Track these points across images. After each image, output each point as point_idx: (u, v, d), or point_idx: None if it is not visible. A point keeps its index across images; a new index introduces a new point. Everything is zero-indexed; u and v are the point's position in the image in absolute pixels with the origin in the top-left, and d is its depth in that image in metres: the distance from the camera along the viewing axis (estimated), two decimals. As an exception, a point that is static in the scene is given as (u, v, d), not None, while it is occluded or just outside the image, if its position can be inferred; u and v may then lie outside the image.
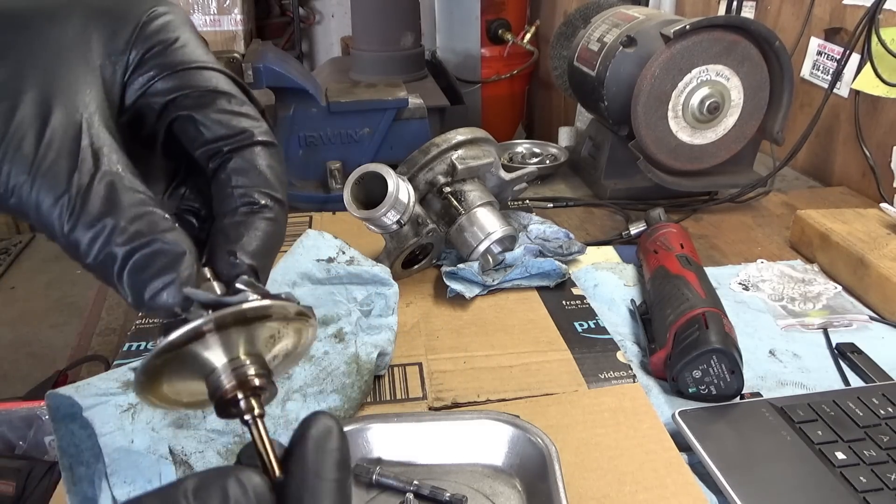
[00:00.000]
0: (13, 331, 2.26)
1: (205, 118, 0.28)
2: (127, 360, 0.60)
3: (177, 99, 0.28)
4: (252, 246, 0.28)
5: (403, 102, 1.00)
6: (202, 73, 0.29)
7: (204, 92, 0.28)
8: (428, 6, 2.30)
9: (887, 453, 0.50)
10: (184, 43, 0.29)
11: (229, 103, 0.29)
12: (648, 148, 0.93)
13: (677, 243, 0.73)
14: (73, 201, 0.23)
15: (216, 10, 2.60)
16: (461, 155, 0.75)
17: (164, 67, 0.28)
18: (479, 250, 0.74)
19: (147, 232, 0.24)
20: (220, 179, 0.29)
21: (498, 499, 0.47)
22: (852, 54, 1.01)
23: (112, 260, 0.24)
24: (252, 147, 0.29)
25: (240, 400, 0.26)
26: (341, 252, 0.68)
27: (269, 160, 0.29)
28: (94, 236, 0.24)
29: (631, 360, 0.63)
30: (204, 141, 0.29)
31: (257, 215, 0.29)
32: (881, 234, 0.79)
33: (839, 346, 0.66)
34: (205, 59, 0.29)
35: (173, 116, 0.29)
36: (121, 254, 0.24)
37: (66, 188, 0.23)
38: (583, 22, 1.21)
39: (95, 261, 0.24)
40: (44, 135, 0.24)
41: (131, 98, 0.28)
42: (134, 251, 0.24)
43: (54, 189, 0.23)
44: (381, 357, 0.59)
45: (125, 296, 0.25)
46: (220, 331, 0.25)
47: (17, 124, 0.24)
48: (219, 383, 0.26)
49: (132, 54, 0.28)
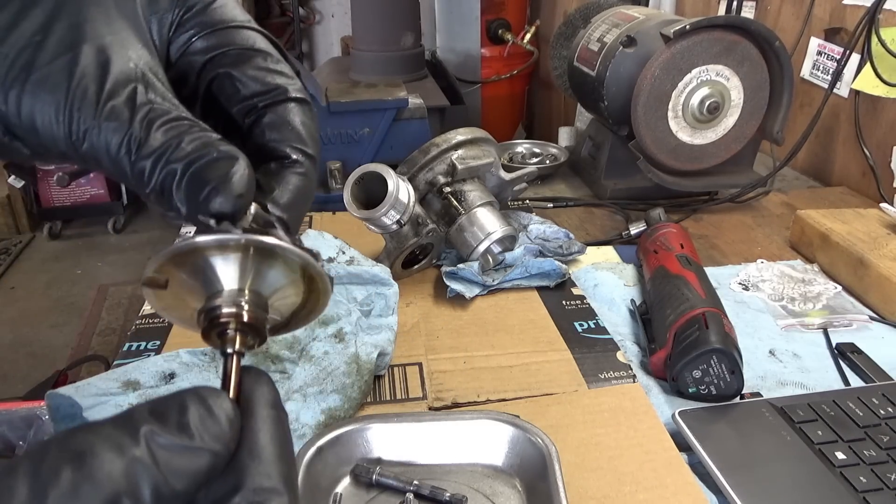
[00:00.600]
0: (13, 331, 2.26)
1: (242, 75, 0.29)
2: (127, 360, 0.60)
3: (216, 57, 0.30)
4: (284, 199, 0.29)
5: (403, 102, 1.00)
6: (240, 31, 0.30)
7: (242, 50, 0.30)
8: (428, 6, 2.31)
9: (887, 453, 0.50)
10: (222, 3, 0.30)
11: (265, 61, 0.30)
12: (648, 148, 0.93)
13: (677, 243, 0.73)
14: (138, 136, 0.25)
15: (216, 10, 2.60)
16: (461, 155, 0.75)
17: (203, 26, 0.30)
18: (479, 250, 0.74)
19: (202, 146, 0.26)
20: (253, 134, 0.30)
21: (498, 499, 0.47)
22: (852, 54, 1.01)
23: (172, 176, 0.25)
24: (286, 103, 0.30)
25: (228, 329, 0.26)
26: (341, 252, 0.69)
27: (302, 116, 0.30)
28: (157, 159, 0.25)
29: (631, 360, 0.63)
30: (241, 97, 0.30)
31: (288, 169, 0.30)
32: (881, 234, 0.79)
33: (839, 346, 0.66)
34: (242, 18, 0.30)
35: (213, 74, 0.30)
36: (180, 167, 0.25)
37: (129, 127, 0.25)
38: (583, 22, 1.21)
39: (157, 182, 0.25)
40: (105, 83, 0.25)
41: (174, 56, 0.29)
42: (192, 162, 0.25)
43: (119, 130, 0.25)
44: (381, 357, 0.59)
45: (180, 206, 0.26)
46: (243, 255, 0.26)
47: (80, 75, 0.25)
48: (217, 304, 0.26)
49: (175, 13, 0.29)
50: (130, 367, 0.56)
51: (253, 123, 0.30)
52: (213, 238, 0.25)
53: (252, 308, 0.27)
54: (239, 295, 0.27)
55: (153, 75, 0.27)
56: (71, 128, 0.25)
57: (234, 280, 0.26)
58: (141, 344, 0.64)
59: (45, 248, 2.83)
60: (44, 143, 0.26)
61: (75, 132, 0.25)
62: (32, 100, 0.25)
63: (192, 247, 0.25)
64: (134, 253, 2.77)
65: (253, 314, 0.27)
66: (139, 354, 0.62)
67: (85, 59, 0.26)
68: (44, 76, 0.25)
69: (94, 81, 0.25)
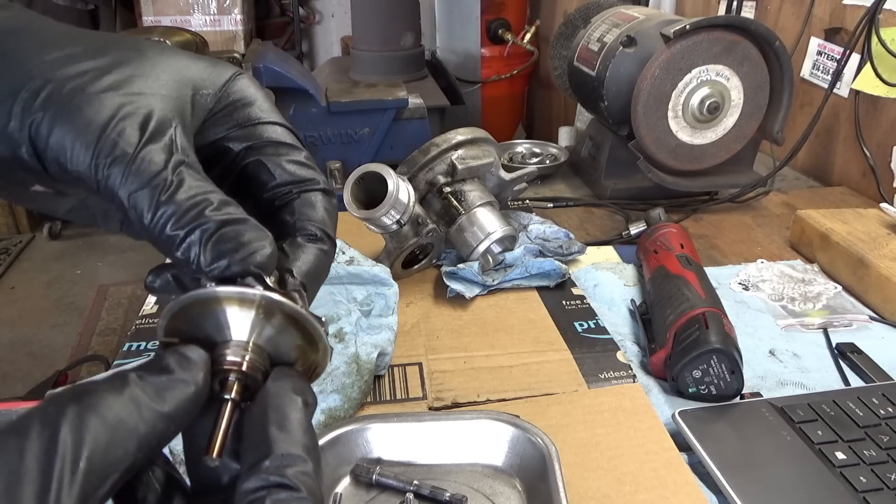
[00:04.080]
0: (13, 331, 2.26)
1: (276, 166, 0.34)
2: (127, 360, 0.60)
3: (252, 146, 0.34)
4: (305, 267, 0.32)
5: (403, 102, 1.00)
6: (273, 127, 0.34)
7: (278, 143, 0.34)
8: (428, 6, 2.31)
9: (887, 453, 0.50)
10: (257, 99, 0.34)
11: (297, 155, 0.34)
12: (648, 148, 0.93)
13: (677, 243, 0.73)
14: (169, 182, 0.27)
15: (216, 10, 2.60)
16: (461, 155, 0.75)
17: (243, 120, 0.34)
18: (479, 250, 0.74)
19: (237, 212, 0.28)
20: (282, 214, 0.34)
21: (498, 499, 0.47)
22: (852, 54, 1.01)
23: (203, 230, 0.27)
24: (316, 192, 0.34)
25: (228, 378, 0.27)
26: (341, 252, 0.69)
27: (327, 205, 0.34)
28: (187, 210, 0.27)
29: (631, 360, 0.63)
30: (276, 184, 0.33)
31: (312, 244, 0.33)
32: (881, 234, 0.79)
33: (839, 346, 0.66)
34: (276, 116, 0.35)
35: (249, 160, 0.34)
36: (213, 224, 0.27)
37: (162, 170, 0.27)
38: (583, 22, 1.21)
39: (184, 232, 0.27)
40: (146, 128, 0.28)
41: (208, 139, 0.33)
42: (227, 223, 0.28)
43: (149, 172, 0.27)
44: (381, 357, 0.59)
45: (203, 258, 0.28)
46: (258, 311, 0.28)
47: (123, 114, 0.28)
48: (223, 352, 0.27)
49: (216, 104, 0.33)
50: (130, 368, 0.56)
51: (283, 205, 0.34)
52: (235, 290, 0.27)
53: (257, 362, 0.28)
54: (245, 346, 0.28)
55: (185, 139, 0.30)
56: (99, 159, 0.27)
57: (244, 332, 0.28)
58: (141, 344, 0.64)
59: (45, 248, 2.82)
60: (65, 168, 0.27)
61: (103, 164, 0.27)
62: (67, 125, 0.27)
63: (213, 295, 0.27)
64: (134, 253, 2.76)
65: (255, 368, 0.28)
66: (139, 354, 0.62)
67: (129, 102, 0.28)
68: (85, 106, 0.27)
69: (135, 123, 0.28)
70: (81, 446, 0.21)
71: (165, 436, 0.24)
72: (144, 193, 0.27)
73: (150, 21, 2.52)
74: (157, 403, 0.23)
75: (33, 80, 0.28)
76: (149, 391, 0.23)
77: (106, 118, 0.27)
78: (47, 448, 0.20)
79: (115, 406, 0.22)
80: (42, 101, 0.27)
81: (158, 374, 0.24)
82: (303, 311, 0.28)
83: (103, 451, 0.21)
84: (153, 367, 0.25)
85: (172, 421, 0.24)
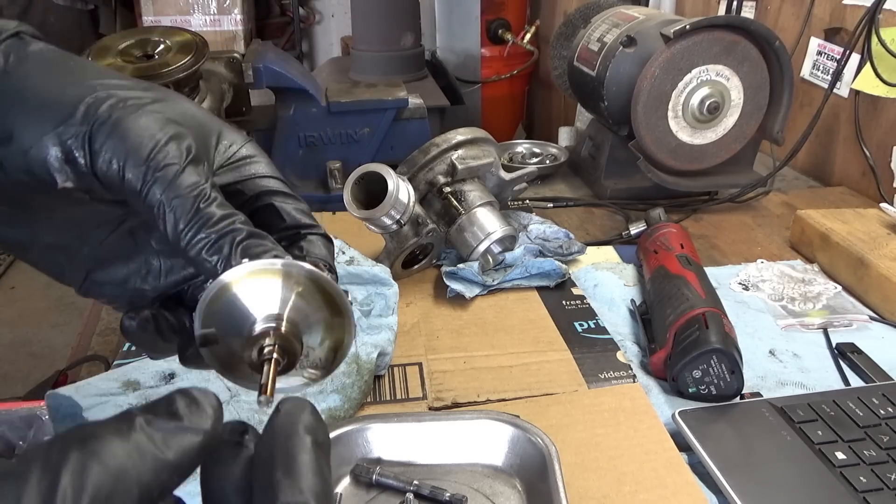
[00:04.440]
0: (13, 331, 2.26)
1: (286, 212, 0.37)
2: (127, 360, 0.60)
3: (263, 192, 0.37)
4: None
5: (403, 102, 1.00)
6: (279, 182, 0.38)
7: (284, 195, 0.38)
8: (428, 6, 2.30)
9: (887, 453, 0.50)
10: (263, 161, 0.39)
11: (301, 205, 0.38)
12: (648, 148, 0.93)
13: (677, 243, 0.73)
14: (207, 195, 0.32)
15: (216, 10, 2.60)
16: (461, 155, 0.75)
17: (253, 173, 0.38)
18: (479, 250, 0.74)
19: (261, 231, 0.32)
20: (292, 250, 0.37)
21: (498, 499, 0.47)
22: (852, 54, 1.01)
23: (236, 233, 0.31)
24: (318, 236, 0.38)
25: (265, 343, 0.29)
26: (341, 252, 0.69)
27: (328, 247, 0.38)
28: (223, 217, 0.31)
29: (631, 360, 0.63)
30: (285, 226, 0.37)
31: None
32: (881, 234, 0.79)
33: (839, 346, 0.66)
34: (278, 175, 0.39)
35: (262, 203, 0.37)
36: (244, 234, 0.32)
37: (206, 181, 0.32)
38: (583, 22, 1.21)
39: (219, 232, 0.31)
40: (189, 154, 0.32)
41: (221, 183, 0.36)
42: (254, 234, 0.32)
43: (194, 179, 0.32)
44: (381, 357, 0.59)
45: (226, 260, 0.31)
46: (285, 279, 0.30)
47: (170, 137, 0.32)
48: (255, 325, 0.29)
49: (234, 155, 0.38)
50: (130, 368, 0.56)
51: (291, 244, 0.37)
52: (262, 261, 0.29)
53: (288, 326, 0.29)
54: (278, 317, 0.29)
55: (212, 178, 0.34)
56: (150, 163, 0.31)
57: (273, 306, 0.29)
58: (141, 344, 0.64)
59: (45, 248, 2.82)
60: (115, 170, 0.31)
61: (153, 168, 0.31)
62: (126, 133, 0.31)
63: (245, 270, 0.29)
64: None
65: (288, 329, 0.29)
66: (139, 354, 0.62)
67: (177, 128, 0.33)
68: (143, 118, 0.32)
69: (182, 145, 0.32)
70: (82, 495, 0.20)
71: (169, 485, 0.23)
72: (185, 201, 0.31)
73: (150, 21, 2.52)
74: (163, 452, 0.23)
75: (98, 92, 0.32)
76: (156, 438, 0.23)
77: (160, 135, 0.32)
78: (46, 496, 0.20)
79: (120, 453, 0.22)
80: (107, 108, 0.32)
81: (167, 420, 0.24)
82: (326, 276, 0.30)
83: (104, 500, 0.21)
84: (161, 411, 0.24)
85: (176, 470, 0.23)
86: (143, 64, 0.76)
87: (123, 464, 0.22)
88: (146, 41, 0.78)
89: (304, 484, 0.24)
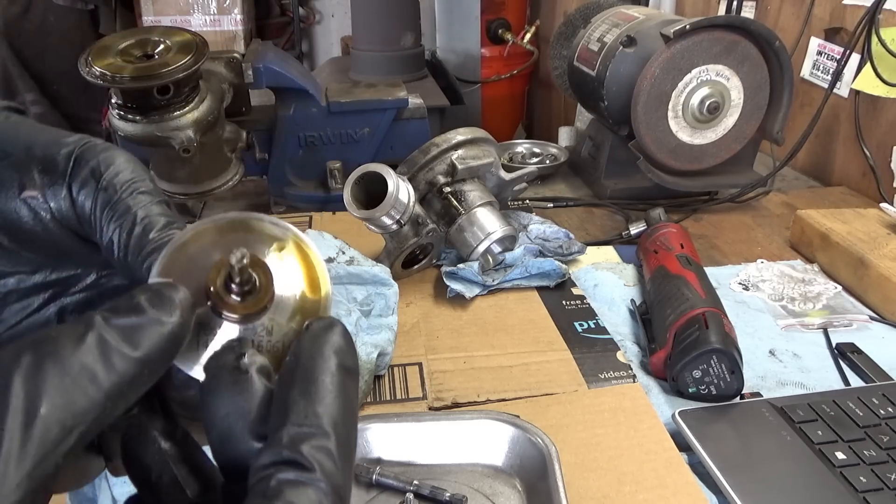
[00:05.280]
0: (13, 331, 2.26)
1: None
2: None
3: None
4: None
5: (403, 102, 1.00)
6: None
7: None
8: (428, 6, 2.30)
9: (887, 453, 0.50)
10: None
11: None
12: (648, 148, 0.93)
13: (677, 243, 0.73)
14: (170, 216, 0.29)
15: (216, 10, 2.60)
16: (461, 155, 0.75)
17: None
18: (479, 250, 0.74)
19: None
20: None
21: (498, 499, 0.47)
22: (852, 54, 1.01)
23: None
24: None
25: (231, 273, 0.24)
26: (341, 252, 0.69)
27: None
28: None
29: (631, 360, 0.63)
30: None
31: None
32: (881, 234, 0.79)
33: (839, 346, 0.66)
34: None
35: None
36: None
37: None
38: (583, 22, 1.21)
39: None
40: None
41: None
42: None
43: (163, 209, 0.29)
44: (381, 357, 0.59)
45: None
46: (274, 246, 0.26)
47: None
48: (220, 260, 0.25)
49: None
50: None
51: None
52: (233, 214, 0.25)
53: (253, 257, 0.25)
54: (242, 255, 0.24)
55: None
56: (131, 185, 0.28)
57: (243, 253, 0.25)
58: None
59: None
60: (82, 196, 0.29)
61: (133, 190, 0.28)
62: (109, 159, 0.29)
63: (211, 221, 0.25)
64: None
65: (254, 260, 0.25)
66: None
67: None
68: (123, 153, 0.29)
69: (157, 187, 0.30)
70: (38, 397, 0.19)
71: (139, 382, 0.21)
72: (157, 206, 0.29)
73: (150, 21, 2.51)
74: (127, 348, 0.21)
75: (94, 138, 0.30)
76: (116, 335, 0.21)
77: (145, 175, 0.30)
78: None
79: (78, 353, 0.20)
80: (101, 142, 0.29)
81: (127, 315, 0.22)
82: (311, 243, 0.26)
83: (63, 401, 0.19)
84: (122, 308, 0.22)
85: (146, 365, 0.21)
86: (143, 64, 0.75)
87: (83, 361, 0.20)
88: (146, 41, 0.78)
89: (322, 407, 0.22)
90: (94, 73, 0.73)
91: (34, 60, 2.12)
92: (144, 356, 0.21)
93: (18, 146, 0.29)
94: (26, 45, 2.10)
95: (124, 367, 0.21)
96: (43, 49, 2.12)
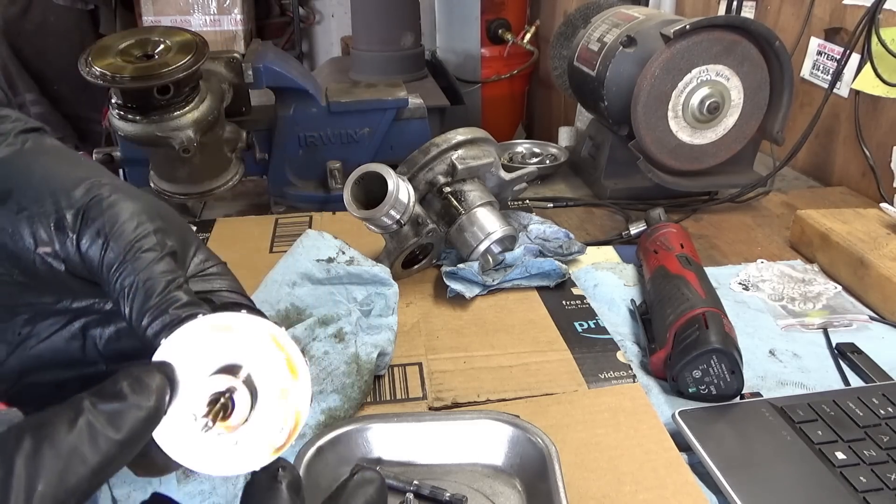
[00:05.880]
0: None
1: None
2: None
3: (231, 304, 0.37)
4: None
5: (403, 102, 1.00)
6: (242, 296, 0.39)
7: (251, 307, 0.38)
8: (428, 6, 2.30)
9: (887, 453, 0.50)
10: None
11: None
12: (648, 148, 0.93)
13: (677, 243, 0.73)
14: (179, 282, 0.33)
15: (216, 10, 2.60)
16: (461, 155, 0.75)
17: None
18: (479, 250, 0.74)
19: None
20: None
21: (498, 499, 0.47)
22: (852, 54, 1.01)
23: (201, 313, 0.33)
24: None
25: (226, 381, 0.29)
26: (341, 252, 0.68)
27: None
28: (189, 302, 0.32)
29: (631, 360, 0.63)
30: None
31: None
32: (881, 234, 0.79)
33: (839, 346, 0.66)
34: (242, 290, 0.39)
35: None
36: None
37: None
38: (583, 22, 1.21)
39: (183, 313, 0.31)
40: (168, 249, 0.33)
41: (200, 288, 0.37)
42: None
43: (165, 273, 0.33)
44: (381, 357, 0.59)
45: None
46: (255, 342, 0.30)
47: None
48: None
49: None
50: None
51: None
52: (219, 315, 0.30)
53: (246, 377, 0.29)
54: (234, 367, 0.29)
55: None
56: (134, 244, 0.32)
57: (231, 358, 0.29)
58: (141, 344, 0.64)
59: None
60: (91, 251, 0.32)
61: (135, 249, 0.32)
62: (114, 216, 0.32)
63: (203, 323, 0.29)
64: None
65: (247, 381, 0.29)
66: (139, 354, 0.62)
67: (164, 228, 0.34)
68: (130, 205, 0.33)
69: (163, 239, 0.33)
70: (36, 477, 0.22)
71: (119, 460, 0.25)
72: (156, 282, 0.32)
73: (150, 21, 2.51)
74: (111, 430, 0.25)
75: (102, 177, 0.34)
76: (101, 419, 0.25)
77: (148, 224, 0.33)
78: (3, 480, 0.22)
79: (70, 437, 0.24)
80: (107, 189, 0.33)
81: (111, 401, 0.25)
82: (287, 336, 0.29)
83: (57, 481, 0.23)
84: (106, 393, 0.26)
85: (125, 446, 0.25)
86: (143, 64, 0.75)
87: (73, 444, 0.24)
88: (146, 41, 0.78)
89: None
90: (94, 72, 0.73)
91: (34, 60, 2.12)
92: (125, 439, 0.25)
93: (30, 194, 0.33)
94: (26, 44, 2.10)
95: (107, 447, 0.24)
96: (43, 49, 2.12)
